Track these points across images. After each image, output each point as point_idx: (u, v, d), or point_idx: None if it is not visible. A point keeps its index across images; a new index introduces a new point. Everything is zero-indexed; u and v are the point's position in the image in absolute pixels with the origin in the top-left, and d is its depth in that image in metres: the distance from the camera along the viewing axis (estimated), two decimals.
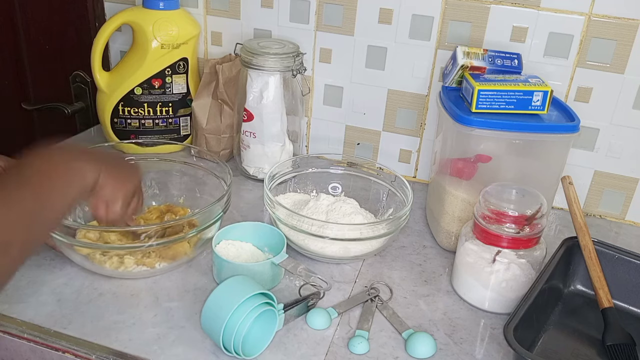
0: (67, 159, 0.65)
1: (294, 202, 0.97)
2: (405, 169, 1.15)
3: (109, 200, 0.71)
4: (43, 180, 0.61)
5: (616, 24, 0.93)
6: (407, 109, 1.10)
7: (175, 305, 0.77)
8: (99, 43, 1.07)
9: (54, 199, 0.61)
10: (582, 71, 0.98)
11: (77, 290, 0.79)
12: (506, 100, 0.84)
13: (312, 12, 1.08)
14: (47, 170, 0.62)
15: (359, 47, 1.08)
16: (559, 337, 0.77)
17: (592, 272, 0.80)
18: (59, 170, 0.63)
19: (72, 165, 0.65)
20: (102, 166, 0.68)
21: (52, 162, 0.63)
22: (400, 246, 0.94)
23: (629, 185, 1.03)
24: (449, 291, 0.84)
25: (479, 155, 0.86)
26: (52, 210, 0.62)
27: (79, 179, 0.65)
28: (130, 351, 0.70)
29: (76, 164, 0.66)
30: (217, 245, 0.83)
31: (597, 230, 1.01)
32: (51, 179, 0.62)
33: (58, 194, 0.62)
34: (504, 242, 0.76)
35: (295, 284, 0.83)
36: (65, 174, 0.64)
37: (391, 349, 0.73)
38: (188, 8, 1.14)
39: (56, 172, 0.63)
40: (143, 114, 1.12)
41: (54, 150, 0.65)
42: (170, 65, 1.10)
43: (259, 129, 1.05)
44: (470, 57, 0.90)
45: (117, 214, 0.73)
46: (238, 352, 0.67)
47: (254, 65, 1.01)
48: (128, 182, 0.74)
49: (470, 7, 0.99)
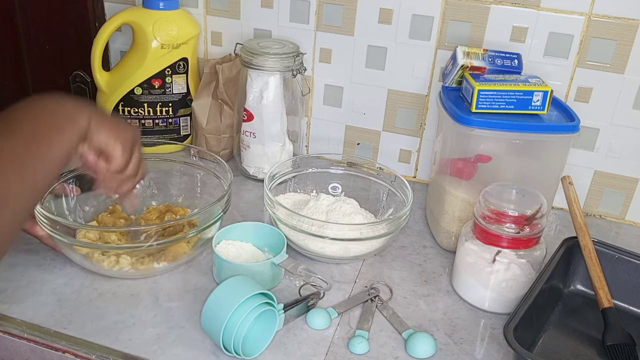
0: (56, 105, 0.61)
1: (294, 202, 0.97)
2: (405, 169, 1.15)
3: (106, 146, 0.66)
4: (34, 128, 0.56)
5: (616, 24, 0.93)
6: (407, 109, 1.10)
7: (175, 305, 0.77)
8: (99, 43, 1.07)
9: (47, 146, 0.57)
10: (582, 71, 0.98)
11: (77, 290, 0.79)
12: (506, 100, 0.84)
13: (312, 12, 1.08)
14: (37, 117, 0.58)
15: (359, 47, 1.08)
16: (559, 337, 0.77)
17: (592, 272, 0.80)
18: (48, 115, 0.59)
19: (62, 109, 0.61)
20: (92, 112, 0.64)
21: (40, 108, 0.59)
22: (400, 246, 0.94)
23: (629, 185, 1.03)
24: (449, 291, 0.84)
25: (479, 155, 0.86)
26: (47, 160, 0.57)
27: (70, 123, 0.61)
28: (130, 351, 0.70)
29: (66, 108, 0.62)
30: (217, 245, 0.83)
31: (597, 230, 1.01)
32: (42, 126, 0.58)
33: (51, 141, 0.58)
34: (504, 242, 0.76)
35: (295, 284, 0.83)
36: (56, 119, 0.60)
37: (391, 349, 0.73)
38: (188, 8, 1.14)
39: (46, 118, 0.59)
40: (143, 114, 1.12)
41: (41, 98, 0.61)
42: (170, 65, 1.10)
43: (259, 129, 1.05)
44: (470, 57, 0.90)
45: (119, 162, 0.68)
46: (238, 352, 0.67)
47: (254, 65, 1.01)
48: (123, 129, 0.69)
49: (470, 7, 0.99)
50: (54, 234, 0.76)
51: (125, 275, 0.81)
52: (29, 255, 0.84)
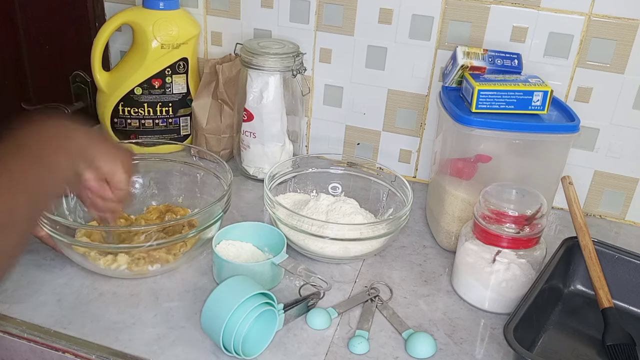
0: (66, 130, 0.62)
1: (294, 202, 0.97)
2: (405, 169, 1.15)
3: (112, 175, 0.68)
4: (40, 149, 0.57)
5: (616, 24, 0.93)
6: (407, 109, 1.10)
7: (175, 305, 0.77)
8: (99, 43, 1.07)
9: (54, 170, 0.58)
10: (582, 71, 0.98)
11: (77, 290, 0.79)
12: (506, 100, 0.84)
13: (312, 12, 1.08)
14: (43, 138, 0.59)
15: (359, 47, 1.08)
16: (559, 337, 0.77)
17: (592, 272, 0.80)
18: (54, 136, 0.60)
19: (72, 136, 0.62)
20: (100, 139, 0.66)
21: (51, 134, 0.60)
22: (400, 246, 0.94)
23: (629, 185, 1.03)
24: (449, 291, 0.84)
25: (479, 155, 0.86)
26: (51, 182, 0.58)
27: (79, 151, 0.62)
28: (130, 351, 0.70)
29: (77, 135, 0.63)
30: (217, 245, 0.83)
31: (597, 230, 1.01)
32: (47, 147, 0.58)
33: (58, 166, 0.59)
34: (504, 242, 0.76)
35: (295, 284, 0.83)
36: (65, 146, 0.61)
37: (391, 349, 0.73)
38: (188, 8, 1.14)
39: (52, 139, 0.60)
40: (143, 114, 1.12)
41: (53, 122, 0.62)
42: (170, 65, 1.10)
43: (259, 129, 1.05)
44: (470, 57, 0.90)
45: (125, 191, 0.70)
46: (238, 352, 0.67)
47: (254, 65, 1.01)
48: (124, 155, 0.72)
49: (470, 7, 0.99)
50: (53, 234, 0.76)
51: (125, 275, 0.81)
52: (29, 255, 0.84)
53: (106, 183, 0.70)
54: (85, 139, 0.65)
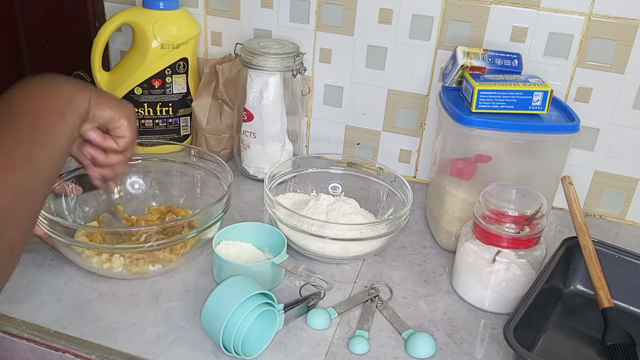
0: (52, 88, 0.59)
1: (294, 202, 0.97)
2: (405, 169, 1.15)
3: (112, 122, 0.66)
4: (35, 117, 0.54)
5: (616, 24, 0.93)
6: (407, 109, 1.10)
7: (175, 305, 0.77)
8: (99, 43, 1.07)
9: (51, 135, 0.55)
10: (582, 71, 0.98)
11: (77, 290, 0.79)
12: (506, 100, 0.84)
13: (312, 12, 1.08)
14: (36, 105, 0.56)
15: (359, 47, 1.08)
16: (559, 337, 0.77)
17: (592, 272, 0.80)
18: (48, 101, 0.57)
19: (59, 92, 0.59)
20: (91, 91, 0.62)
21: (38, 94, 0.57)
22: (400, 246, 0.94)
23: (629, 185, 1.03)
24: (449, 291, 0.84)
25: (479, 155, 0.86)
26: (53, 148, 0.55)
27: (71, 106, 0.59)
28: (130, 351, 0.70)
29: (63, 91, 0.59)
30: (218, 246, 0.83)
31: (597, 230, 1.01)
32: (42, 114, 0.55)
33: (54, 128, 0.56)
34: (504, 242, 0.76)
35: (296, 284, 0.83)
36: (56, 104, 0.58)
37: (391, 349, 0.73)
38: (188, 8, 1.14)
39: (46, 105, 0.56)
40: (143, 114, 1.12)
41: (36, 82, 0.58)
42: (170, 65, 1.10)
43: (259, 129, 1.05)
44: (470, 57, 0.90)
45: (129, 137, 0.68)
46: (238, 352, 0.67)
47: (254, 65, 1.01)
48: (124, 105, 0.69)
49: (470, 7, 0.99)
50: (53, 234, 0.76)
51: (125, 276, 0.81)
52: (29, 255, 0.84)
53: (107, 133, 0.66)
54: (76, 92, 0.61)
